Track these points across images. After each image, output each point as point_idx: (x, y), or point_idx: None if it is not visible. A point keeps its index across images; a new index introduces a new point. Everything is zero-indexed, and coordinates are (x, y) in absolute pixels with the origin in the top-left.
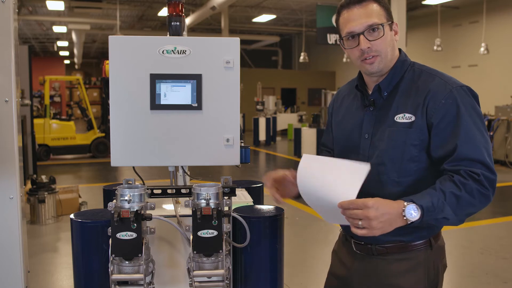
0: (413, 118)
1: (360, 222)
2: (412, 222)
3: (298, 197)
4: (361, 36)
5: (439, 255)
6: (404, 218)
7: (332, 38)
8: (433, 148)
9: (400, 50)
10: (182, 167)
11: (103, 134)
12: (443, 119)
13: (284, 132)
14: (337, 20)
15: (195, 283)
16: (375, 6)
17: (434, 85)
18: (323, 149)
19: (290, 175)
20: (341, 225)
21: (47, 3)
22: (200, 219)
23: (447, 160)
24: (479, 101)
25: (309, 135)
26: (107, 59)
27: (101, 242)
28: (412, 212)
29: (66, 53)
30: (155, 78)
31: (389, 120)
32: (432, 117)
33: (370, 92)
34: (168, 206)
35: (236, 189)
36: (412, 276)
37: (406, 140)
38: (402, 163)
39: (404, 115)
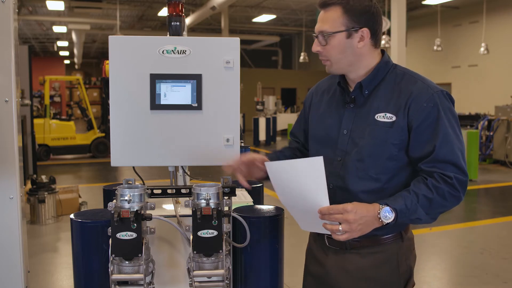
0: (394, 118)
1: (340, 227)
2: (388, 223)
3: (264, 179)
4: (315, 39)
5: (410, 246)
6: (380, 220)
7: None
8: (412, 148)
9: (383, 51)
10: (182, 167)
11: (103, 134)
12: (424, 121)
13: (284, 132)
14: None
15: (195, 283)
16: (336, 13)
17: (417, 88)
18: (292, 140)
19: (258, 159)
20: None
21: (47, 3)
22: (200, 219)
23: (424, 160)
24: (454, 105)
25: None
26: (107, 59)
27: (101, 242)
28: (387, 215)
29: (66, 53)
30: (155, 78)
31: (369, 118)
32: (413, 119)
33: (351, 89)
34: (168, 206)
35: (236, 189)
36: (386, 268)
37: (387, 139)
38: (382, 161)
39: (385, 114)
